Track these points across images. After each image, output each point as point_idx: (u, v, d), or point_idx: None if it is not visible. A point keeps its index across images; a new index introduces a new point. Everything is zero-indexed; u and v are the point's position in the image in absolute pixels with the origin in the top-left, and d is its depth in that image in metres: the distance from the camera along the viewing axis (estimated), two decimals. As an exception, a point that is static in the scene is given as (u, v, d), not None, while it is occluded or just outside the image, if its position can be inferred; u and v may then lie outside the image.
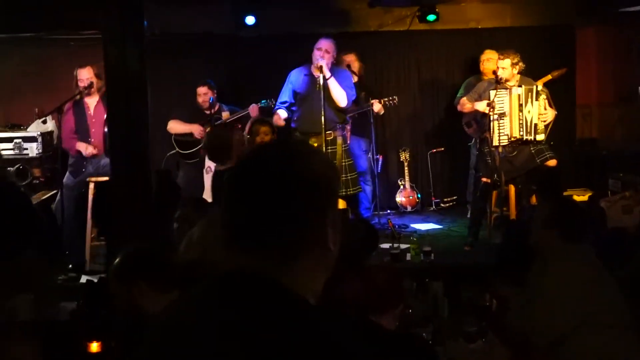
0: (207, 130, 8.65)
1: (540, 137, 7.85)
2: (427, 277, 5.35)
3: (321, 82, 7.76)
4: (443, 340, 4.06)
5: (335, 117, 8.11)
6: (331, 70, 7.96)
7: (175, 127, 8.89)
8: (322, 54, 7.96)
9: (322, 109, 7.69)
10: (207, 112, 8.76)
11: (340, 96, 7.99)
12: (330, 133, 8.02)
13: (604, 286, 3.95)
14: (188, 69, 9.21)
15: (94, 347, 4.04)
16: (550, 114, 7.87)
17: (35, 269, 5.94)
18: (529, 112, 7.82)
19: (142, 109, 4.29)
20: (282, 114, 8.34)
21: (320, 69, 7.80)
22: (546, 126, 7.88)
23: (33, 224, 5.90)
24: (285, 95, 8.41)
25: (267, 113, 8.63)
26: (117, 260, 3.45)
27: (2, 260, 5.41)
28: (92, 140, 8.00)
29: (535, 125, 7.82)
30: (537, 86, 7.94)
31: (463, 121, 9.07)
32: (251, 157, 1.74)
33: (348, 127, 8.56)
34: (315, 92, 8.00)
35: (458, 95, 9.28)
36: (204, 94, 8.83)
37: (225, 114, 8.83)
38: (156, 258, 3.49)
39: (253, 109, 8.62)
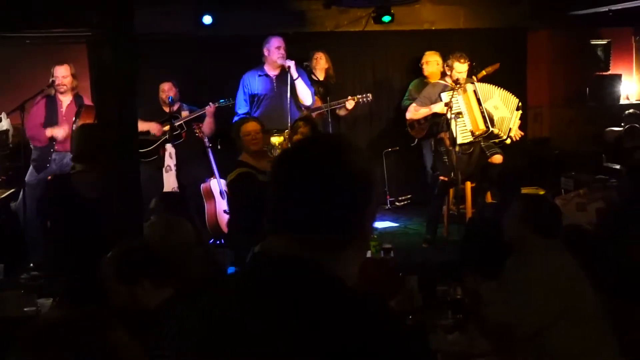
0: (165, 128, 8.67)
1: (507, 140, 8.15)
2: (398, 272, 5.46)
3: (289, 81, 7.96)
4: (424, 333, 4.19)
5: (299, 115, 8.27)
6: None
7: None
8: (282, 51, 8.15)
9: (288, 108, 7.88)
10: (167, 110, 8.77)
11: (307, 95, 8.23)
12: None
13: (579, 279, 4.10)
14: (148, 68, 9.14)
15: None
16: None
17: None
18: (495, 107, 8.06)
19: (132, 110, 4.30)
20: None
21: (289, 69, 8.00)
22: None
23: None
24: (243, 106, 8.51)
25: (225, 112, 8.72)
26: (116, 259, 3.44)
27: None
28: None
29: (510, 129, 8.13)
30: (519, 101, 8.25)
31: (407, 123, 9.22)
32: (302, 149, 1.84)
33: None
34: (274, 91, 8.18)
35: (405, 98, 9.44)
36: (167, 90, 8.82)
37: (184, 113, 8.86)
38: (156, 256, 3.52)
39: (209, 109, 8.69)
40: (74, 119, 7.67)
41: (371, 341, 1.56)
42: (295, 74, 8.12)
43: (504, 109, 8.16)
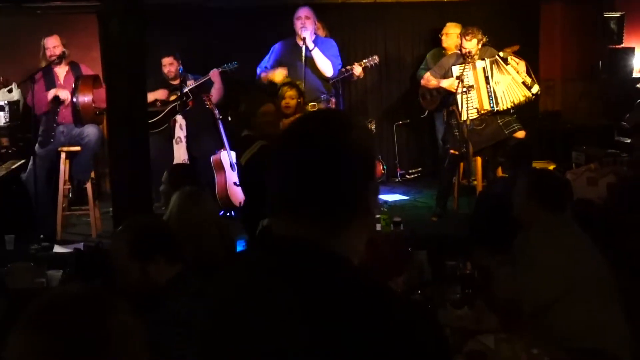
0: (172, 98, 8.68)
1: (535, 89, 8.00)
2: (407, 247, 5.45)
3: (304, 53, 7.87)
4: (433, 307, 4.18)
5: (322, 88, 8.22)
6: (316, 39, 8.09)
7: None
8: (303, 21, 8.07)
9: (304, 80, 7.79)
10: (174, 82, 8.77)
11: (326, 66, 8.15)
12: (315, 104, 8.07)
13: (588, 255, 4.08)
14: (155, 39, 9.10)
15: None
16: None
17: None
18: (497, 83, 7.96)
19: (141, 81, 4.28)
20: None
21: (304, 40, 7.91)
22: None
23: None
24: (266, 62, 8.44)
25: (230, 77, 8.69)
26: (129, 235, 3.34)
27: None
28: (63, 110, 7.94)
29: (525, 83, 7.98)
30: (499, 55, 8.07)
31: (419, 93, 9.18)
32: (301, 126, 1.80)
33: (333, 100, 8.55)
34: (298, 62, 8.08)
35: (422, 67, 9.38)
36: (169, 65, 8.81)
37: (189, 82, 8.83)
38: (170, 232, 3.47)
39: (214, 74, 8.65)
40: (73, 90, 7.66)
41: (376, 330, 1.53)
42: (311, 45, 8.05)
43: (506, 75, 8.03)
